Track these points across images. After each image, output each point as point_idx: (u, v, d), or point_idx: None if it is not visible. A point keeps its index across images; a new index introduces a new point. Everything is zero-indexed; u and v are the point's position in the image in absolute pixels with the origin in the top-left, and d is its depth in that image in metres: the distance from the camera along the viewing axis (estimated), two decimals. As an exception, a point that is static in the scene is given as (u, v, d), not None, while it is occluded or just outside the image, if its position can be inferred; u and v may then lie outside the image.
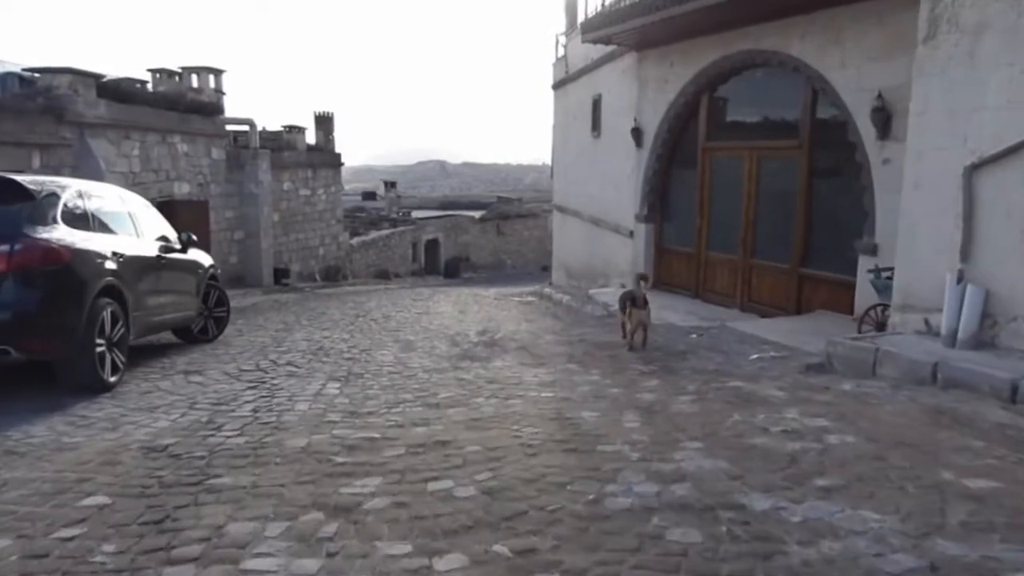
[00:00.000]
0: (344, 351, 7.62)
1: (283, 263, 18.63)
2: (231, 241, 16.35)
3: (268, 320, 11.01)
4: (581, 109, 16.04)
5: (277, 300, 14.84)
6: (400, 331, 9.45)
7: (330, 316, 11.57)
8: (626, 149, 12.67)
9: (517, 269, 36.75)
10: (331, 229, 21.67)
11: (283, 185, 18.69)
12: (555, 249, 20.14)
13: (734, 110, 10.42)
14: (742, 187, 10.12)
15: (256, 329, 9.74)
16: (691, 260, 11.36)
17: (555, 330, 9.49)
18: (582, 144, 16.10)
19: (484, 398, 5.28)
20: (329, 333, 9.22)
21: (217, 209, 15.55)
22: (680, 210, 11.73)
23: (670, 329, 9.08)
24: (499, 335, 8.95)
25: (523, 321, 10.74)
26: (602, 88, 14.25)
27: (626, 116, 12.59)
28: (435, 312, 12.45)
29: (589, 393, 5.39)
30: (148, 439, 4.23)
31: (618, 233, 13.39)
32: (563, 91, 18.13)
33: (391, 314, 11.94)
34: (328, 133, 21.69)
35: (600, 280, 14.74)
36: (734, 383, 5.47)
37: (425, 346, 7.99)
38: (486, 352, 7.53)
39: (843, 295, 8.60)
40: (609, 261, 14.18)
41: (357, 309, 12.77)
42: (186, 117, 13.98)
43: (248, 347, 7.89)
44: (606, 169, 14.11)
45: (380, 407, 5.04)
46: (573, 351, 7.49)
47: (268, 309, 12.99)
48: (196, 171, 14.51)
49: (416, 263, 30.34)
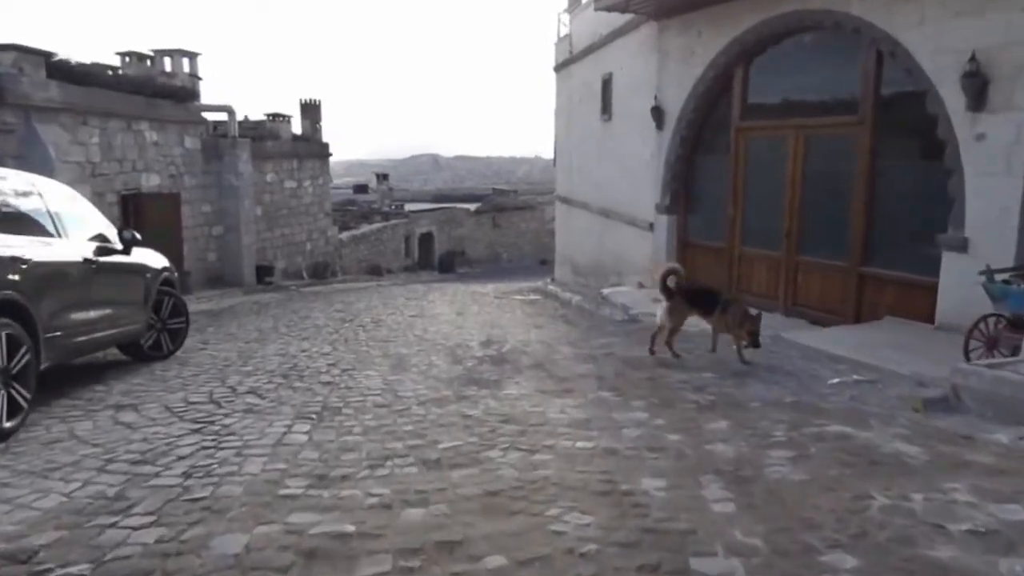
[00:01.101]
0: (322, 371, 6.25)
1: (267, 260, 17.22)
2: (209, 237, 14.93)
3: (242, 327, 9.62)
4: (588, 91, 14.66)
5: (257, 302, 13.46)
6: (391, 341, 8.09)
7: (313, 321, 10.20)
8: (643, 132, 11.30)
9: (514, 263, 35.39)
10: (319, 223, 20.25)
11: (266, 177, 17.26)
12: (558, 243, 18.78)
13: (775, 83, 9.05)
14: (785, 171, 8.77)
15: (225, 340, 8.36)
16: (722, 256, 10.02)
17: (571, 339, 8.14)
18: (589, 129, 14.71)
19: (501, 450, 3.93)
20: (309, 345, 7.85)
21: (192, 203, 14.13)
22: (708, 199, 10.38)
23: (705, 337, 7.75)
24: (507, 346, 7.60)
25: (531, 327, 9.38)
26: (613, 66, 12.86)
27: (643, 95, 11.22)
28: (431, 315, 11.10)
29: (641, 441, 4.05)
30: (13, 535, 2.87)
31: (634, 226, 12.04)
32: (566, 73, 16.73)
33: (381, 318, 10.58)
34: (315, 122, 20.25)
35: (612, 278, 13.39)
36: (834, 426, 4.13)
37: (420, 363, 6.63)
38: (495, 372, 6.17)
39: (918, 299, 7.27)
40: (623, 257, 12.83)
41: (344, 312, 11.41)
42: (155, 103, 12.54)
43: (208, 366, 6.52)
44: (619, 155, 12.74)
45: (360, 466, 3.68)
46: (601, 371, 6.13)
47: (245, 312, 11.61)
48: (167, 161, 13.07)
49: (409, 258, 28.94)
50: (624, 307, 9.73)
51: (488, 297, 15.21)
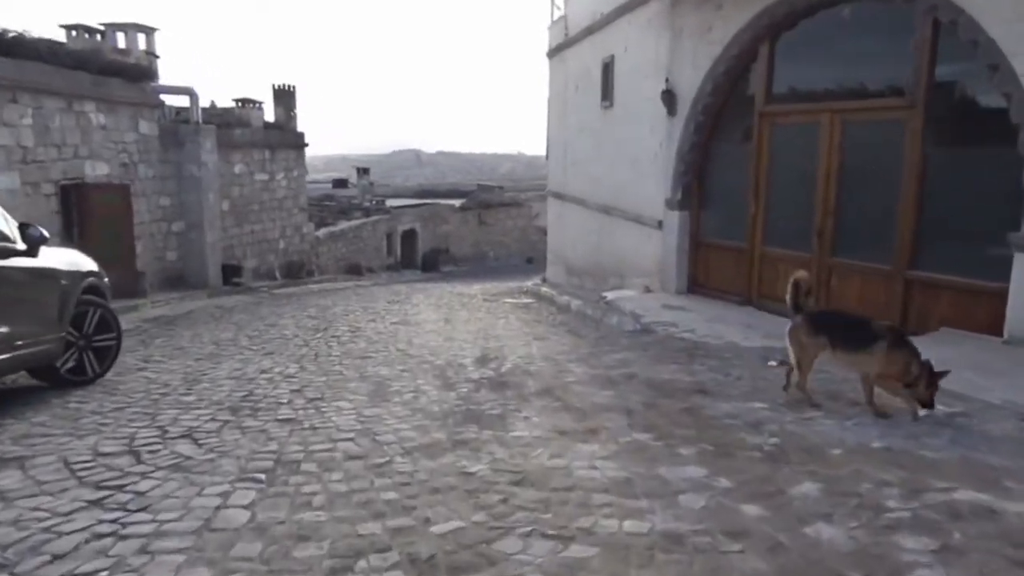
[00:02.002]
0: (283, 402, 5.08)
1: (235, 259, 15.92)
2: (168, 234, 13.61)
3: (196, 338, 8.40)
4: (586, 76, 13.55)
5: (221, 306, 12.19)
6: (370, 357, 6.93)
7: (281, 330, 9.00)
8: (651, 119, 10.21)
9: (500, 261, 34.27)
10: (293, 219, 18.95)
11: (234, 168, 15.94)
12: (551, 241, 17.68)
13: (808, 62, 7.99)
14: (818, 162, 7.72)
15: (172, 355, 7.15)
16: (741, 257, 8.96)
17: (580, 354, 7.02)
18: (587, 118, 13.61)
19: (519, 537, 2.80)
20: (271, 363, 6.67)
21: (148, 195, 12.81)
22: (726, 194, 9.31)
23: (735, 352, 6.69)
24: (507, 364, 6.47)
25: (531, 338, 8.26)
26: (616, 47, 11.75)
27: (652, 78, 10.13)
28: (415, 322, 9.94)
29: (710, 519, 2.94)
30: None
31: (639, 224, 10.95)
32: (561, 58, 15.61)
33: (360, 326, 9.41)
34: (290, 110, 18.93)
35: (612, 280, 12.31)
36: (962, 492, 3.07)
37: (405, 389, 5.48)
38: (497, 401, 5.04)
39: (980, 308, 6.27)
40: (625, 258, 11.74)
41: (318, 319, 10.21)
42: (103, 81, 11.19)
43: (140, 395, 5.31)
44: (621, 146, 11.65)
45: (318, 570, 2.54)
46: (626, 400, 5.02)
47: (205, 319, 10.36)
48: (118, 148, 11.74)
49: (391, 256, 27.68)
50: (635, 315, 8.63)
51: (477, 300, 14.08)
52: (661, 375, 5.73)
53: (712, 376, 5.65)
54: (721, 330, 7.79)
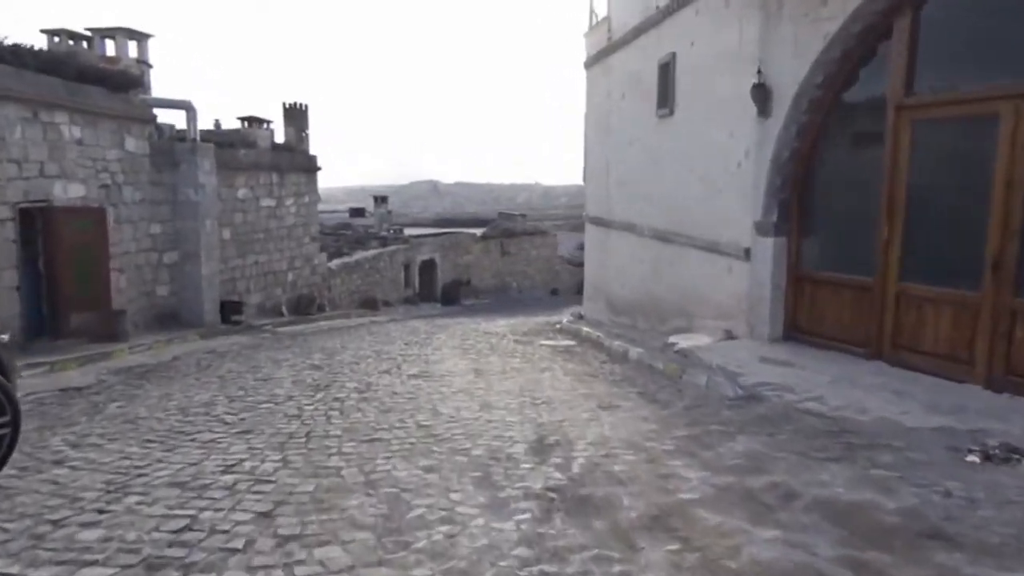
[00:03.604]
0: (236, 549, 3.10)
1: (236, 294, 14.11)
2: (158, 266, 11.83)
3: (162, 403, 6.48)
4: (636, 82, 11.69)
5: (213, 351, 10.32)
6: (381, 439, 4.97)
7: (273, 388, 7.09)
8: (732, 124, 8.28)
9: (524, 293, 32.33)
10: (304, 249, 17.17)
11: (237, 192, 14.21)
12: (589, 273, 15.70)
13: (973, 35, 6.01)
14: (992, 169, 5.69)
15: (113, 436, 5.23)
16: (864, 296, 6.91)
17: (677, 439, 4.98)
18: (638, 130, 11.72)
19: None
20: (243, 451, 4.73)
21: (135, 222, 11.05)
22: (839, 213, 7.31)
23: (903, 437, 4.62)
24: (577, 458, 4.47)
25: (594, 403, 6.24)
26: (678, 44, 9.88)
27: (731, 74, 8.23)
28: (439, 373, 8.02)
29: None
30: None
31: (714, 252, 8.95)
32: (602, 67, 13.80)
33: (371, 380, 7.50)
34: (301, 130, 17.28)
35: (674, 320, 10.28)
36: None
37: (433, 517, 3.50)
38: (583, 547, 3.03)
39: None
40: (693, 294, 9.72)
41: (322, 369, 8.32)
42: (79, 88, 9.50)
43: (23, 520, 3.38)
44: (687, 159, 9.71)
45: None
46: (813, 556, 2.98)
47: (186, 371, 8.47)
48: (98, 167, 10.01)
49: (409, 288, 25.82)
50: (727, 373, 6.59)
51: (507, 341, 12.12)
52: (833, 490, 3.68)
53: (919, 494, 3.59)
54: (859, 398, 5.73)
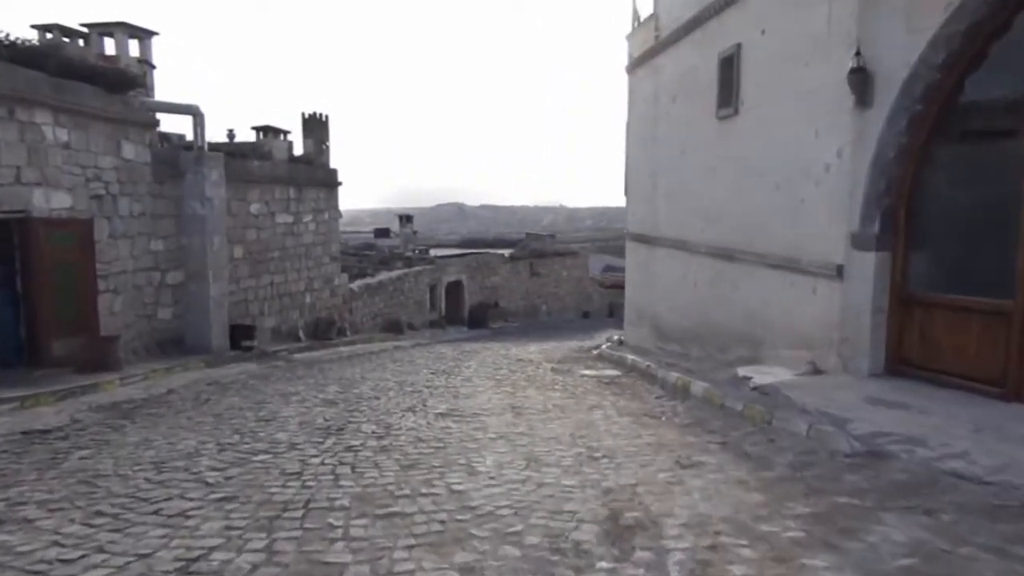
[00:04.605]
0: None
1: (248, 317, 13.05)
2: (160, 286, 10.79)
3: (136, 453, 5.32)
4: (691, 82, 10.49)
5: (216, 381, 9.19)
6: (401, 512, 3.73)
7: (275, 432, 5.93)
8: (819, 119, 7.02)
9: (554, 316, 31.04)
10: (323, 269, 16.12)
11: (250, 207, 13.21)
12: (631, 295, 14.40)
13: None
14: None
15: (52, 505, 4.06)
16: (998, 323, 5.55)
17: (794, 509, 3.68)
18: (694, 135, 10.49)
19: None
20: (216, 533, 3.52)
21: (133, 237, 10.04)
22: (962, 223, 5.97)
23: None
24: (673, 551, 3.19)
25: (665, 453, 4.95)
26: (745, 33, 8.67)
27: (818, 60, 6.99)
28: (471, 412, 6.82)
29: None
30: None
31: (793, 271, 7.63)
32: (647, 69, 12.62)
33: (391, 422, 6.32)
34: (321, 141, 16.33)
35: (738, 349, 8.94)
36: None
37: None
38: None
39: None
40: (761, 318, 8.39)
41: (337, 405, 7.18)
42: (66, 86, 8.51)
43: None
44: (756, 163, 8.44)
45: None
46: None
47: (179, 408, 7.33)
48: (88, 175, 9.02)
49: (435, 311, 24.67)
50: (833, 418, 5.26)
51: (543, 370, 10.87)
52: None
53: None
54: (1018, 456, 4.37)
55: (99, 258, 8.97)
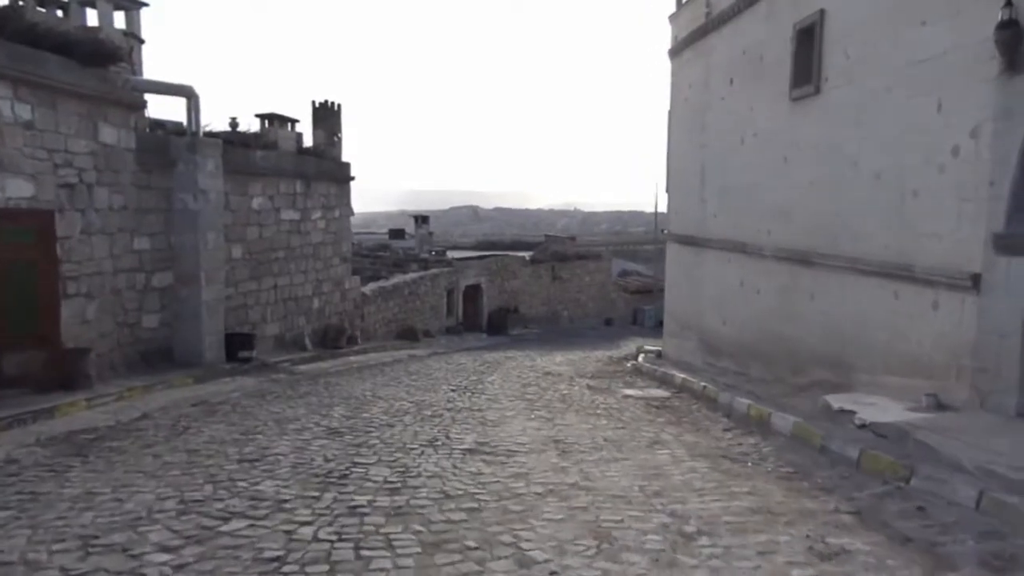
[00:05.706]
0: None
1: (248, 324, 11.76)
2: (145, 290, 9.51)
3: (69, 514, 4.03)
4: (752, 60, 9.10)
5: (204, 402, 7.90)
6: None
7: (257, 480, 4.66)
8: (942, 92, 5.62)
9: (576, 322, 29.59)
10: (332, 271, 14.82)
11: (252, 202, 11.93)
12: (672, 304, 13.00)
13: None
14: None
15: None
16: None
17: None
18: (757, 121, 9.09)
19: None
20: None
21: (112, 233, 8.77)
22: None
23: None
24: None
25: (780, 525, 3.59)
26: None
27: (940, 18, 5.60)
28: (504, 448, 5.64)
29: None
30: None
31: (903, 280, 6.21)
32: (695, 51, 11.24)
33: (410, 465, 5.07)
34: (333, 133, 15.06)
35: (815, 371, 7.53)
36: None
37: None
38: None
39: None
40: (854, 336, 6.97)
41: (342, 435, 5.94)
42: (29, 55, 7.25)
43: None
44: (847, 151, 7.03)
45: None
46: None
47: (147, 440, 6.04)
48: (57, 160, 7.75)
49: (452, 316, 23.31)
50: (1011, 483, 3.85)
51: (579, 388, 9.59)
52: None
53: None
54: None
55: (67, 257, 7.71)
